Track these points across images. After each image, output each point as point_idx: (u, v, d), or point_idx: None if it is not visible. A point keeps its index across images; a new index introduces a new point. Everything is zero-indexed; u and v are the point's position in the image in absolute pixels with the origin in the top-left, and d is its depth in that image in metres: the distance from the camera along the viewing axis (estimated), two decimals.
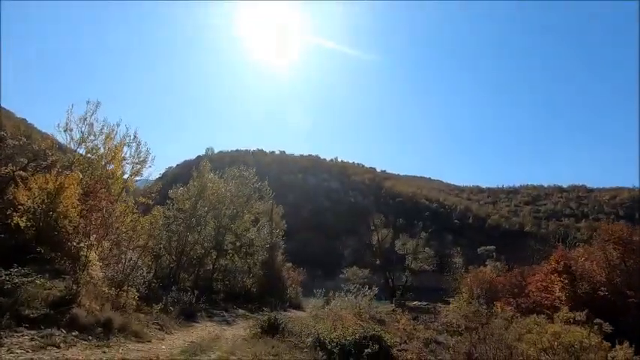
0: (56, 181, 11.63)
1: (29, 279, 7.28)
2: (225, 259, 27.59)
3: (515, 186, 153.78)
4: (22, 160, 13.57)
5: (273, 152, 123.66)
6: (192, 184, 23.61)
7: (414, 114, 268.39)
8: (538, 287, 18.82)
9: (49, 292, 7.57)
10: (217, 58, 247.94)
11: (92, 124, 17.29)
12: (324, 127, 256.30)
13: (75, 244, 11.36)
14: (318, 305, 20.13)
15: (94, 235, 11.71)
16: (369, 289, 18.42)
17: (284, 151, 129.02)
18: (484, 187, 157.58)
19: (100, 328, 7.74)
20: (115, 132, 18.33)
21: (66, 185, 11.77)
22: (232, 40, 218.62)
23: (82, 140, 17.01)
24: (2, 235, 11.16)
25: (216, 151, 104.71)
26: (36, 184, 11.49)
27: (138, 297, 12.28)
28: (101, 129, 17.66)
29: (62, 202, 11.65)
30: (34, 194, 11.45)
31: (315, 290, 21.99)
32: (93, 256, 11.65)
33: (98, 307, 8.68)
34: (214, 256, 26.30)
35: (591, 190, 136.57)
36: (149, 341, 8.92)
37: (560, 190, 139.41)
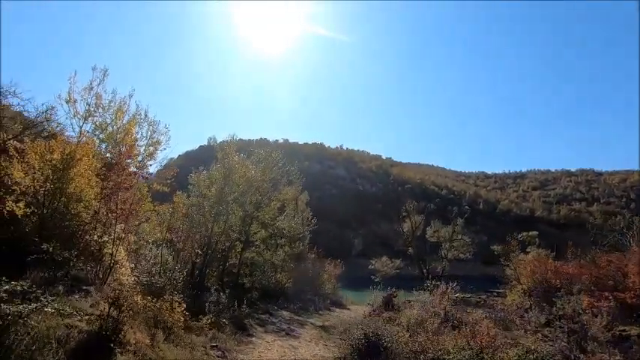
0: (64, 150, 8.15)
1: (32, 306, 3.87)
2: (251, 252, 24.29)
3: (522, 171, 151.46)
4: (15, 127, 10.04)
5: (276, 141, 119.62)
6: (216, 167, 20.14)
7: (415, 101, 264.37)
8: None
9: (70, 328, 4.18)
10: (215, 48, 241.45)
11: (100, 95, 13.84)
12: (326, 116, 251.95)
13: (96, 237, 7.98)
14: (377, 302, 17.12)
15: (121, 225, 8.35)
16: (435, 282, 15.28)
17: (287, 139, 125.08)
18: (490, 173, 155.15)
19: None
20: (127, 105, 15.01)
21: (77, 156, 8.30)
22: (229, 31, 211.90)
23: (88, 114, 13.49)
24: None
25: (218, 140, 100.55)
26: (36, 154, 8.01)
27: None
28: (109, 101, 14.34)
29: (74, 179, 8.20)
30: (35, 168, 8.00)
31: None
32: (121, 254, 8.31)
33: (148, 340, 5.38)
34: (239, 249, 23.00)
35: (600, 174, 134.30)
36: None
37: (569, 174, 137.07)
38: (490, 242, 44.87)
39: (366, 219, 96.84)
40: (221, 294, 14.59)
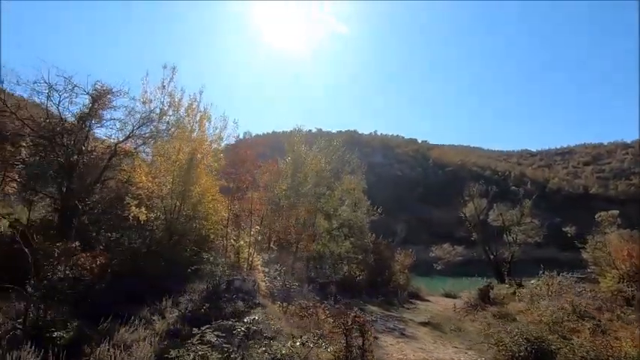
0: (189, 150, 7.60)
1: None
2: (317, 244, 23.70)
3: (569, 146, 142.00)
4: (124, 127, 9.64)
5: (310, 130, 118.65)
6: (286, 159, 19.59)
7: (445, 80, 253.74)
8: None
9: None
10: (240, 45, 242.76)
11: (172, 94, 13.37)
12: (355, 103, 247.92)
13: (233, 241, 7.44)
14: (472, 295, 15.97)
15: (256, 227, 7.77)
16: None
17: (320, 129, 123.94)
18: (534, 150, 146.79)
19: None
20: (197, 101, 14.54)
21: (199, 155, 7.75)
22: (253, 27, 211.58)
23: (163, 113, 13.05)
24: (113, 237, 7.42)
25: (253, 134, 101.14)
26: (161, 156, 7.51)
27: None
28: (179, 99, 13.87)
29: (198, 179, 7.67)
30: (159, 170, 7.52)
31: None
32: (257, 258, 7.74)
33: None
34: (305, 242, 22.47)
35: None
36: None
37: (625, 146, 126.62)
38: (543, 223, 42.19)
39: (407, 205, 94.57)
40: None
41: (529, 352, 7.35)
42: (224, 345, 3.74)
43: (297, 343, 3.83)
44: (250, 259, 7.13)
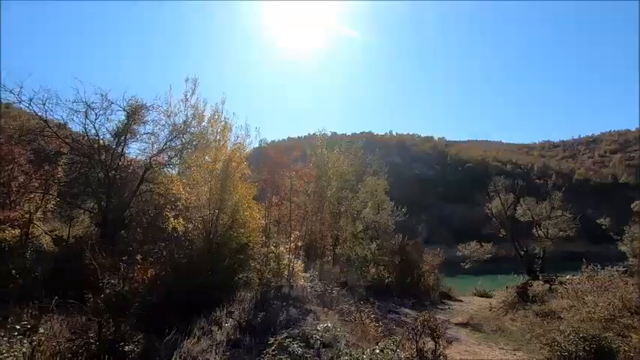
0: (226, 158, 7.65)
1: None
2: (343, 247, 23.51)
3: (594, 134, 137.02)
4: (156, 141, 9.85)
5: (324, 134, 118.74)
6: (310, 165, 19.52)
7: (459, 74, 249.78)
8: None
9: None
10: (248, 49, 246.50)
11: (196, 106, 13.49)
12: (368, 105, 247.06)
13: (273, 248, 7.42)
14: (510, 293, 15.46)
15: (296, 233, 7.74)
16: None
17: (335, 132, 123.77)
18: (556, 140, 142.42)
19: None
20: (219, 112, 14.67)
21: (234, 164, 7.79)
22: (261, 31, 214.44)
23: (186, 126, 13.19)
24: (155, 249, 7.50)
25: (269, 140, 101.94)
26: (199, 166, 7.59)
27: None
28: (202, 110, 14.01)
29: (235, 187, 7.70)
30: (196, 180, 7.59)
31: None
32: (297, 264, 7.70)
33: None
34: (331, 244, 22.33)
35: None
36: None
37: None
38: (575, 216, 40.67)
39: (428, 204, 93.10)
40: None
41: (587, 351, 6.99)
42: (306, 354, 3.68)
43: (377, 350, 3.73)
44: (291, 265, 7.10)
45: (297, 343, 3.81)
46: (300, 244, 8.10)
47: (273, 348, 3.73)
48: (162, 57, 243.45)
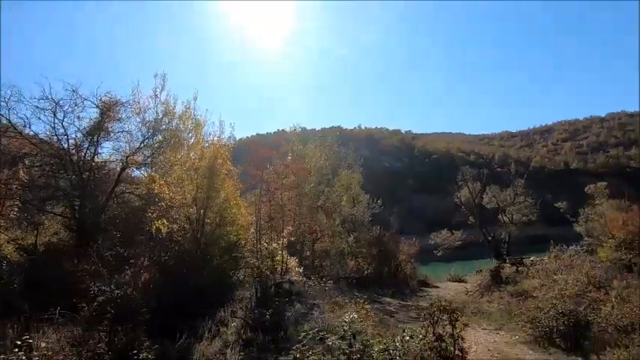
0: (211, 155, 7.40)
1: None
2: (321, 242, 23.57)
3: (547, 124, 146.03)
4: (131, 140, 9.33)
5: (294, 129, 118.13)
6: (288, 159, 19.37)
7: (420, 68, 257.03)
8: None
9: None
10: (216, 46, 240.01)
11: (167, 103, 12.98)
12: (333, 100, 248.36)
13: (265, 244, 7.29)
14: (485, 277, 16.18)
15: (289, 229, 7.65)
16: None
17: (305, 127, 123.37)
18: (514, 130, 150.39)
19: None
20: (191, 108, 14.20)
21: (220, 160, 7.56)
22: (228, 25, 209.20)
23: (158, 123, 12.69)
24: (137, 252, 7.20)
25: (237, 138, 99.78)
26: (182, 165, 7.30)
27: None
28: (173, 107, 13.51)
29: (222, 185, 7.49)
30: (183, 181, 7.30)
31: None
32: (291, 260, 7.63)
33: None
34: (311, 239, 22.33)
35: (632, 115, 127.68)
36: None
37: (600, 119, 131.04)
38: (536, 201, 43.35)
39: (398, 195, 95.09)
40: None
41: (566, 325, 7.48)
42: (342, 346, 3.64)
43: (407, 337, 3.78)
44: (285, 261, 7.03)
45: (327, 336, 3.79)
46: (293, 239, 8.03)
47: (304, 342, 3.69)
48: (132, 56, 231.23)
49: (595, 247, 25.38)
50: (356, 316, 4.37)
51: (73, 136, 8.25)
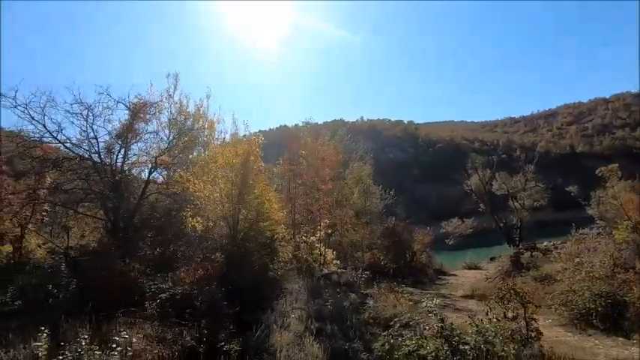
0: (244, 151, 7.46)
1: None
2: (336, 235, 23.66)
3: (551, 108, 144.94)
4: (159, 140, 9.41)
5: (296, 125, 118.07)
6: (301, 154, 19.42)
7: (421, 58, 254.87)
8: None
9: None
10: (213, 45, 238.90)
11: (180, 102, 12.98)
12: (334, 93, 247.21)
13: (304, 238, 7.39)
14: (505, 263, 16.25)
15: (325, 221, 7.72)
16: None
17: (307, 122, 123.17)
18: (517, 116, 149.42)
19: None
20: (204, 107, 14.20)
21: (252, 157, 7.63)
22: (223, 26, 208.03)
23: (173, 123, 12.71)
24: (174, 250, 7.32)
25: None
26: (215, 162, 7.37)
27: None
28: (186, 106, 13.53)
29: (255, 181, 7.56)
30: (217, 177, 7.38)
31: None
32: (328, 252, 7.71)
33: None
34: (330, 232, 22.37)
35: (637, 96, 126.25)
36: None
37: (604, 101, 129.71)
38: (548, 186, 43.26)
39: (404, 186, 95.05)
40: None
41: (604, 306, 7.53)
42: (440, 329, 3.76)
43: (494, 320, 3.88)
44: (323, 254, 7.10)
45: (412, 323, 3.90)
46: (330, 232, 8.08)
47: (396, 328, 3.80)
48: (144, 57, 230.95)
49: (610, 230, 25.40)
50: (432, 304, 4.47)
51: (103, 139, 8.38)
